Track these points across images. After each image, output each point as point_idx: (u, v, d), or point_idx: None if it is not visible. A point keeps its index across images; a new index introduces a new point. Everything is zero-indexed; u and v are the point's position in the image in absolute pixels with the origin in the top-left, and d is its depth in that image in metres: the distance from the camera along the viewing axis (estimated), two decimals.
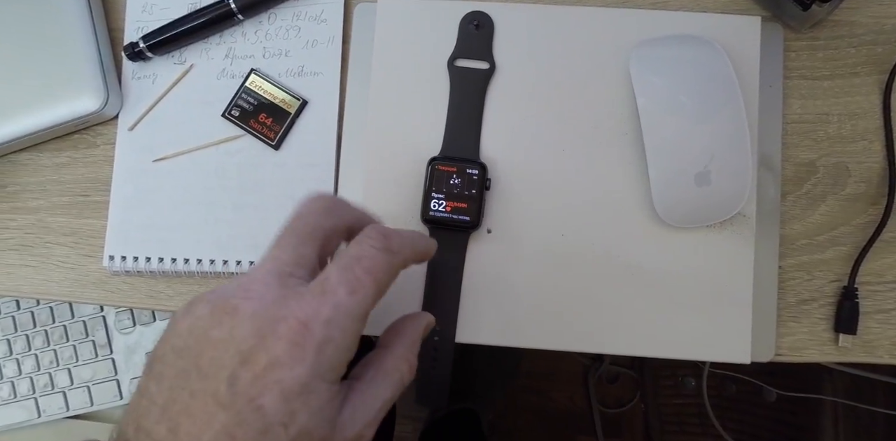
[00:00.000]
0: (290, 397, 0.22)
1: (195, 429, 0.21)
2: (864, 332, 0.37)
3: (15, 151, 0.41)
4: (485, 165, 0.37)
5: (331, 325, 0.23)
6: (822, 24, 0.38)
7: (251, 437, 0.21)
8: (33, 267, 0.41)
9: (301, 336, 0.22)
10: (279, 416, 0.22)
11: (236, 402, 0.21)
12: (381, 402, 0.26)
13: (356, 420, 0.24)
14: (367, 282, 0.24)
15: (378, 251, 0.25)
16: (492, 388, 1.07)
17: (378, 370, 0.27)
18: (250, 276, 0.25)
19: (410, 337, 0.29)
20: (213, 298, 0.24)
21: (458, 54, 0.38)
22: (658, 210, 0.36)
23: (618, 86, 0.38)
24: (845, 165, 0.38)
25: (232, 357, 0.22)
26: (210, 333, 0.23)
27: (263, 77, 0.39)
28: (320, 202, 0.27)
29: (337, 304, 0.23)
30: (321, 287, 0.24)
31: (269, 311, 0.23)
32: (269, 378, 0.22)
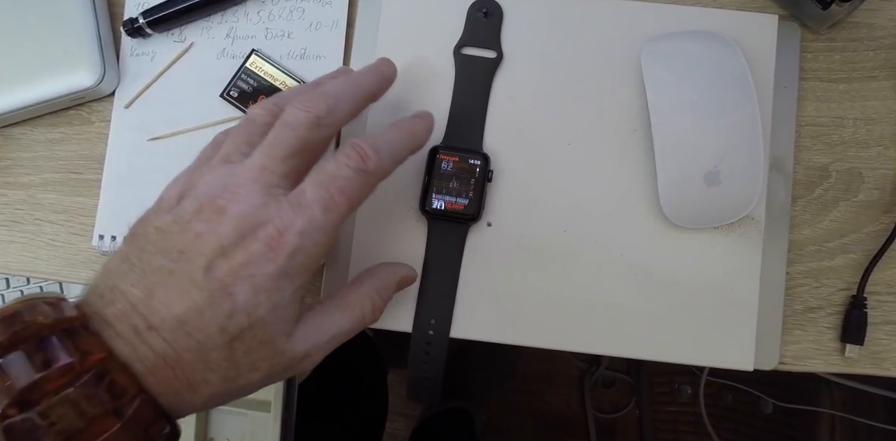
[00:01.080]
0: (259, 291, 0.24)
1: (168, 300, 0.24)
2: (871, 343, 0.36)
3: (8, 125, 0.40)
4: (487, 156, 0.36)
5: (303, 236, 0.25)
6: (840, 26, 0.37)
7: (218, 318, 0.24)
8: (22, 244, 0.40)
9: (276, 241, 0.25)
10: (246, 305, 0.24)
11: (211, 285, 0.24)
12: (335, 329, 0.28)
13: (307, 338, 0.27)
14: (340, 201, 0.26)
15: (354, 172, 0.27)
16: (487, 388, 1.07)
17: (340, 301, 0.29)
18: (237, 178, 0.26)
19: (382, 279, 0.31)
20: (201, 196, 0.26)
21: (465, 42, 0.37)
22: (664, 209, 0.35)
23: (628, 80, 0.37)
24: (859, 171, 0.37)
25: (213, 249, 0.24)
26: (194, 225, 0.25)
27: (264, 58, 0.38)
28: (313, 111, 0.27)
29: (311, 218, 0.25)
30: (298, 200, 0.26)
31: (252, 215, 0.25)
32: (243, 271, 0.24)
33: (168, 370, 0.23)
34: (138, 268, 0.25)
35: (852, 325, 0.35)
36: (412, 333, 0.36)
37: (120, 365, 0.23)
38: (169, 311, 0.24)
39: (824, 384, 0.92)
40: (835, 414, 0.90)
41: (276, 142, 0.27)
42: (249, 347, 0.25)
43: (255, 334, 0.25)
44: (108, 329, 0.24)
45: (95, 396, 0.22)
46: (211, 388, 0.25)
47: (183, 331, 0.24)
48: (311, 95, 0.28)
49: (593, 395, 1.11)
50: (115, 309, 0.24)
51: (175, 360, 0.23)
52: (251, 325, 0.24)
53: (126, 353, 0.23)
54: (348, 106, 0.29)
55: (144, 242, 0.25)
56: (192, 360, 0.24)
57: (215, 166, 0.27)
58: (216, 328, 0.24)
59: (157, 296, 0.24)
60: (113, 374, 0.22)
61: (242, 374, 0.25)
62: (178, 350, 0.23)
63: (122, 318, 0.24)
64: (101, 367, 0.22)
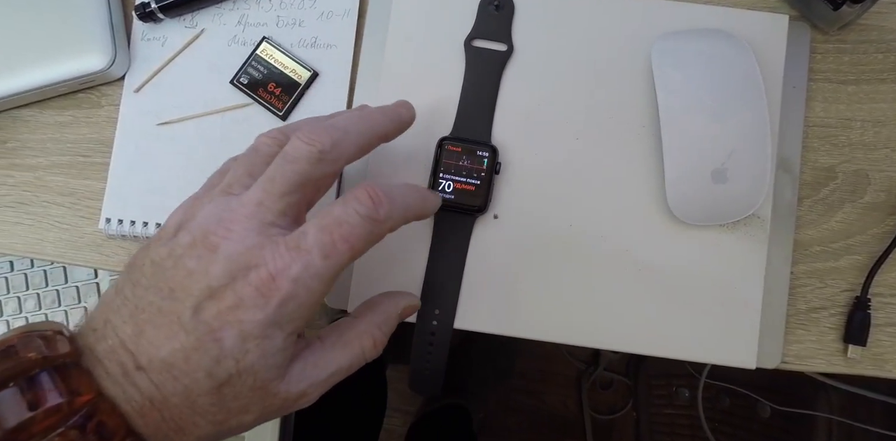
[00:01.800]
0: (247, 338, 0.23)
1: (157, 340, 0.23)
2: (873, 345, 0.36)
3: (17, 107, 0.40)
4: (496, 148, 0.36)
5: (297, 283, 0.24)
6: (850, 27, 0.37)
7: (204, 363, 0.23)
8: (28, 225, 0.40)
9: (267, 287, 0.23)
10: (233, 351, 0.23)
11: (198, 329, 0.23)
12: (334, 367, 0.27)
13: (304, 377, 0.26)
14: (342, 249, 0.25)
15: (362, 219, 0.25)
16: (484, 385, 1.07)
17: (340, 337, 0.28)
18: (233, 213, 0.25)
19: (383, 314, 0.30)
20: (195, 230, 0.25)
21: (476, 34, 0.37)
22: (671, 205, 0.35)
23: (638, 76, 0.37)
24: (866, 173, 0.37)
25: (202, 289, 0.23)
26: (186, 262, 0.24)
27: (275, 46, 0.38)
28: (317, 145, 0.26)
29: (307, 264, 0.24)
30: (297, 242, 0.24)
31: (245, 257, 0.24)
32: (231, 316, 0.23)
33: (156, 413, 0.23)
34: (131, 303, 0.24)
35: (855, 326, 0.35)
36: (416, 324, 0.36)
37: (109, 406, 0.22)
38: (157, 351, 0.23)
39: (822, 389, 0.92)
40: (832, 419, 0.90)
41: (275, 176, 0.26)
42: (239, 392, 0.24)
43: (244, 380, 0.24)
44: (99, 367, 0.23)
45: (83, 438, 0.21)
46: (200, 431, 0.24)
47: (170, 374, 0.23)
48: (317, 128, 0.27)
49: (591, 396, 1.11)
50: (106, 345, 0.23)
51: (162, 403, 0.23)
52: (239, 371, 0.23)
53: (115, 393, 0.23)
54: (356, 142, 0.28)
55: (139, 276, 0.25)
56: (179, 404, 0.23)
57: (215, 197, 0.26)
58: (203, 373, 0.23)
59: (146, 335, 0.23)
60: (101, 415, 0.22)
61: (233, 417, 0.24)
62: (164, 393, 0.23)
63: (111, 356, 0.23)
64: (90, 408, 0.22)
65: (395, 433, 1.05)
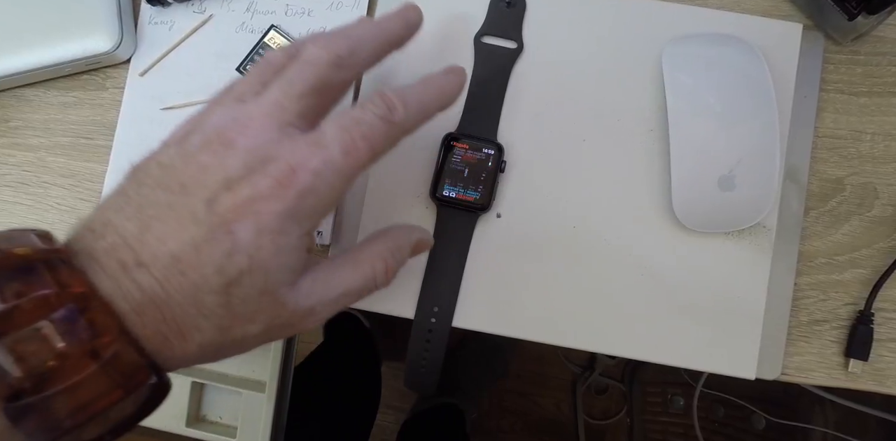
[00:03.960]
0: (262, 231, 0.22)
1: (165, 234, 0.22)
2: (875, 360, 0.35)
3: (22, 86, 0.40)
4: (501, 146, 0.35)
5: (317, 176, 0.23)
6: (864, 39, 0.37)
7: (215, 256, 0.22)
8: (28, 205, 0.40)
9: (287, 178, 0.22)
10: (247, 245, 0.22)
11: (211, 220, 0.22)
12: (343, 286, 0.26)
13: (313, 292, 0.25)
14: (361, 146, 0.24)
15: (380, 120, 0.25)
16: (479, 386, 1.07)
17: (351, 257, 0.27)
18: (248, 112, 0.24)
19: (396, 241, 0.29)
20: (208, 129, 0.24)
21: (486, 31, 0.37)
22: (676, 211, 0.34)
23: (648, 80, 0.36)
24: (874, 186, 0.36)
25: (217, 181, 0.22)
26: (200, 157, 0.23)
27: (283, 34, 0.38)
28: (334, 50, 0.25)
29: (328, 158, 0.23)
30: (316, 139, 0.24)
31: (263, 149, 0.23)
32: (247, 208, 0.22)
33: (156, 311, 0.21)
34: (135, 201, 0.23)
35: (858, 340, 0.35)
36: (414, 320, 0.36)
37: (102, 302, 0.21)
38: (163, 246, 0.21)
39: (818, 402, 0.91)
40: (828, 432, 0.89)
41: (294, 78, 0.25)
42: (248, 295, 0.22)
43: (254, 280, 0.22)
44: (94, 264, 0.21)
45: (71, 333, 0.20)
46: (203, 337, 0.22)
47: (176, 268, 0.21)
48: (332, 36, 0.26)
49: (585, 401, 1.10)
50: (105, 243, 0.22)
51: (164, 300, 0.21)
52: (251, 268, 0.22)
53: (110, 289, 0.21)
54: (371, 48, 0.27)
55: (144, 176, 0.23)
56: (183, 302, 0.21)
57: (226, 104, 0.25)
58: (213, 268, 0.21)
59: (153, 230, 0.22)
60: (92, 311, 0.20)
61: (238, 324, 0.23)
62: (168, 290, 0.21)
63: (110, 253, 0.21)
64: (81, 301, 0.20)
65: (388, 430, 1.05)
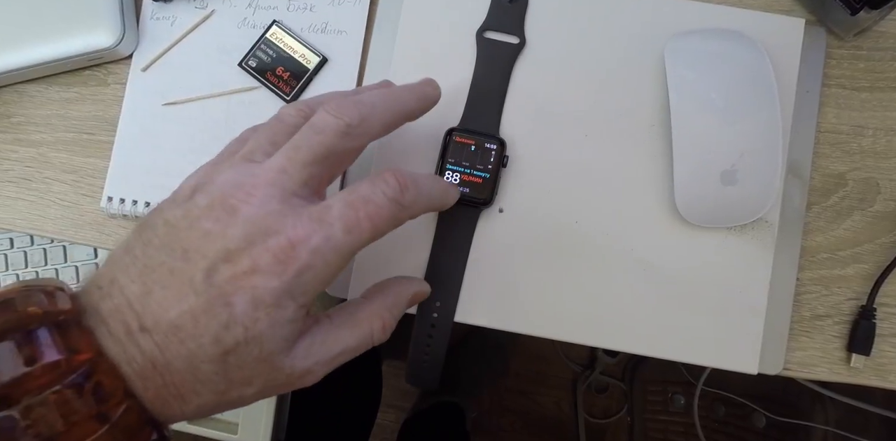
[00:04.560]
0: (259, 305, 0.23)
1: (165, 301, 0.22)
2: (877, 355, 0.35)
3: (24, 81, 0.40)
4: (504, 141, 0.35)
5: (316, 254, 0.23)
6: (866, 34, 0.37)
7: (212, 327, 0.22)
8: (30, 201, 0.40)
9: (286, 254, 0.23)
10: (244, 318, 0.23)
11: (210, 292, 0.22)
12: (341, 347, 0.26)
13: (310, 354, 0.25)
14: (365, 226, 0.24)
15: (388, 201, 0.25)
16: (479, 384, 1.07)
17: (349, 317, 0.27)
18: (255, 178, 0.24)
19: (394, 297, 0.29)
20: (214, 192, 0.24)
21: (488, 26, 0.37)
22: (679, 206, 0.34)
23: (650, 75, 0.36)
24: (876, 181, 0.36)
25: (217, 251, 0.23)
26: (203, 223, 0.23)
27: (285, 30, 0.38)
28: (344, 119, 0.26)
29: (329, 236, 0.24)
30: (320, 215, 0.24)
31: (265, 222, 0.23)
32: (245, 281, 0.23)
33: (157, 377, 0.22)
34: (140, 262, 0.23)
35: (860, 335, 0.35)
36: (416, 315, 0.35)
37: (108, 366, 0.21)
38: (164, 313, 0.22)
39: (819, 400, 0.91)
40: (828, 430, 0.89)
41: (301, 145, 0.25)
42: (244, 362, 0.23)
43: (250, 350, 0.23)
44: (101, 326, 0.22)
45: (80, 399, 0.20)
46: (201, 400, 0.23)
47: (176, 337, 0.22)
48: (345, 102, 0.26)
49: (585, 399, 1.10)
50: (111, 304, 0.23)
51: (164, 366, 0.22)
52: (247, 339, 0.23)
53: (115, 353, 0.22)
54: (383, 119, 0.27)
55: (151, 235, 0.24)
56: (181, 370, 0.22)
57: (235, 163, 0.26)
58: (210, 338, 0.22)
59: (155, 295, 0.22)
60: (100, 375, 0.21)
61: (235, 388, 0.24)
62: (168, 356, 0.22)
63: (115, 315, 0.22)
64: (89, 367, 0.21)
65: (388, 429, 1.05)
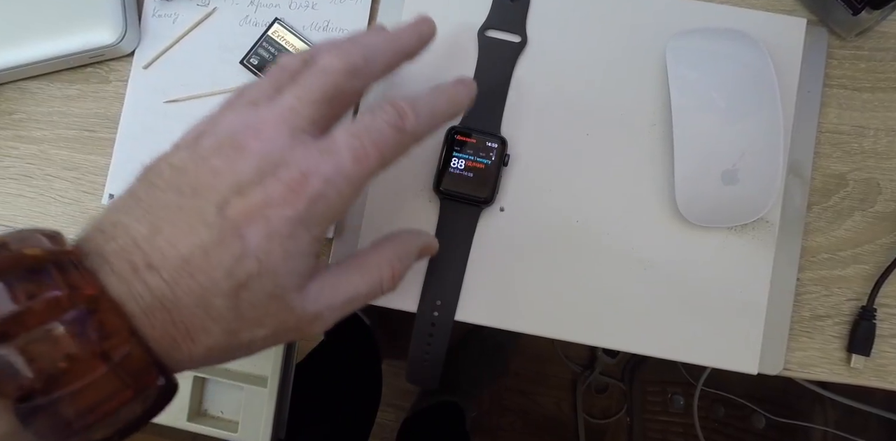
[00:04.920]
0: (272, 236, 0.22)
1: (175, 236, 0.22)
2: (877, 356, 0.35)
3: (26, 78, 0.40)
4: (505, 140, 0.35)
5: (328, 183, 0.23)
6: (868, 34, 0.37)
7: (225, 260, 0.22)
8: (31, 198, 0.40)
9: (299, 184, 0.23)
10: (257, 249, 0.22)
11: (222, 224, 0.22)
12: (351, 291, 0.26)
13: (321, 297, 0.25)
14: (372, 154, 0.24)
15: (390, 128, 0.25)
16: (479, 384, 1.07)
17: (359, 263, 0.27)
18: (262, 117, 0.24)
19: (404, 246, 0.29)
20: (221, 133, 0.24)
21: (490, 24, 0.37)
22: (679, 205, 0.34)
23: (651, 74, 0.36)
24: (877, 182, 0.36)
25: (229, 185, 0.22)
26: (212, 161, 0.23)
27: (287, 28, 0.38)
28: (349, 59, 0.26)
29: (339, 165, 0.23)
30: (328, 146, 0.24)
31: (275, 155, 0.23)
32: (258, 212, 0.22)
33: (165, 314, 0.21)
34: (146, 203, 0.23)
35: (860, 335, 0.35)
36: (417, 314, 0.36)
37: (112, 303, 0.21)
38: (173, 248, 0.22)
39: (818, 401, 0.91)
40: (827, 431, 0.89)
41: (308, 85, 0.25)
42: (256, 299, 0.22)
43: (263, 284, 0.22)
44: (105, 265, 0.21)
45: (81, 335, 0.20)
46: (211, 340, 0.22)
47: (186, 271, 0.21)
48: (347, 45, 0.26)
49: (585, 400, 1.10)
50: (115, 245, 0.22)
51: (173, 303, 0.21)
52: (260, 272, 0.22)
53: (120, 291, 0.21)
54: (384, 59, 0.27)
55: (156, 178, 0.23)
56: (192, 305, 0.22)
57: (239, 107, 0.25)
58: (222, 271, 0.22)
59: (163, 232, 0.22)
60: (103, 312, 0.20)
61: (246, 327, 0.23)
62: (177, 292, 0.21)
63: (120, 255, 0.22)
64: (91, 303, 0.20)
65: (388, 428, 1.05)
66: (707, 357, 0.35)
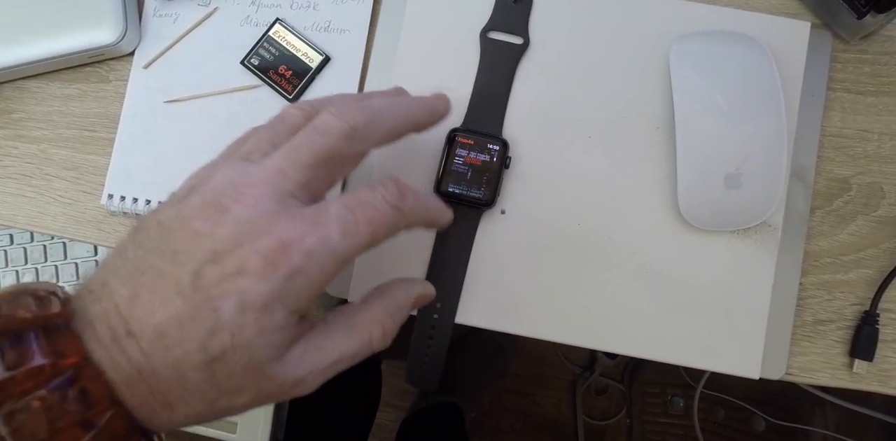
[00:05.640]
0: (247, 310, 0.21)
1: (151, 305, 0.21)
2: (880, 361, 0.35)
3: (25, 78, 0.40)
4: (507, 142, 0.35)
5: (310, 257, 0.22)
6: (872, 38, 0.37)
7: (199, 334, 0.21)
8: (30, 198, 0.40)
9: (277, 256, 0.22)
10: (230, 324, 0.21)
11: (196, 296, 0.21)
12: (337, 354, 0.25)
13: (304, 362, 0.24)
14: (363, 230, 0.23)
15: (387, 206, 0.24)
16: (478, 385, 1.07)
17: (346, 322, 0.26)
18: (250, 177, 0.23)
19: (396, 301, 0.28)
20: (207, 191, 0.23)
21: (492, 26, 0.37)
22: (682, 209, 0.34)
23: (654, 77, 0.36)
24: (880, 186, 0.36)
25: (205, 252, 0.22)
26: (193, 223, 0.22)
27: (288, 28, 0.38)
28: (349, 121, 0.25)
29: (324, 238, 0.22)
30: (316, 216, 0.23)
31: (256, 222, 0.22)
32: (232, 284, 0.21)
33: (143, 384, 0.21)
34: (131, 264, 0.22)
35: (863, 340, 0.34)
36: (417, 316, 0.35)
37: (94, 371, 0.21)
38: (150, 317, 0.21)
39: (818, 404, 0.91)
40: (827, 434, 0.89)
41: (301, 146, 0.24)
42: (232, 371, 0.22)
43: (238, 358, 0.22)
44: (89, 330, 0.21)
45: (64, 404, 0.20)
46: (190, 409, 0.22)
47: (161, 343, 0.21)
48: (351, 105, 0.25)
49: (585, 401, 1.10)
50: (100, 307, 0.22)
51: (150, 374, 0.21)
52: (234, 347, 0.21)
53: (102, 358, 0.21)
54: (388, 126, 0.26)
55: (144, 237, 0.23)
56: (168, 377, 0.21)
57: (232, 163, 0.24)
58: (196, 345, 0.21)
59: (141, 299, 0.21)
60: (85, 380, 0.20)
61: (225, 396, 0.22)
62: (154, 363, 0.21)
63: (102, 320, 0.22)
64: (74, 372, 0.20)
65: (387, 428, 1.05)
66: (709, 361, 0.35)
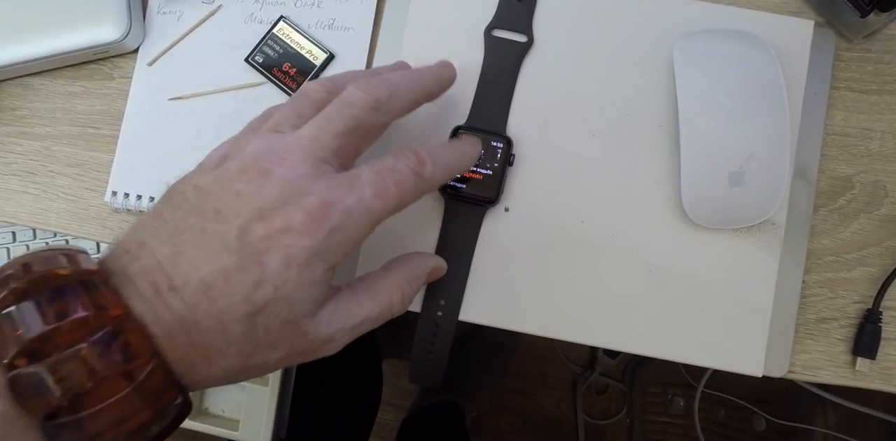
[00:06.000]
0: (291, 264, 0.23)
1: (197, 260, 0.22)
2: (883, 359, 0.35)
3: (29, 75, 0.40)
4: (511, 140, 0.35)
5: (348, 215, 0.24)
6: (876, 37, 0.37)
7: (244, 286, 0.22)
8: (34, 195, 0.40)
9: (320, 213, 0.23)
10: (274, 277, 0.22)
11: (242, 250, 0.22)
12: (362, 315, 0.26)
13: (333, 321, 0.25)
14: (392, 192, 0.25)
15: (412, 172, 0.26)
16: (479, 384, 1.07)
17: (370, 286, 0.28)
18: (286, 145, 0.25)
19: (414, 269, 0.30)
20: (246, 157, 0.24)
21: (497, 24, 0.37)
22: (685, 207, 0.34)
23: (658, 75, 0.36)
24: (883, 185, 0.36)
25: (251, 210, 0.23)
26: (235, 185, 0.23)
27: (292, 26, 0.38)
28: (374, 94, 0.26)
29: (360, 199, 0.24)
30: (351, 180, 0.24)
31: (299, 183, 0.24)
32: (278, 240, 0.23)
33: (184, 336, 0.22)
34: (170, 225, 0.23)
35: (865, 338, 0.35)
36: (421, 314, 0.35)
37: (136, 324, 0.21)
38: (195, 272, 0.22)
39: (819, 403, 0.91)
40: (828, 434, 0.89)
41: (332, 116, 0.26)
42: (271, 324, 0.23)
43: (278, 310, 0.23)
44: (129, 285, 0.22)
45: (108, 355, 0.20)
46: (227, 362, 0.23)
47: (206, 295, 0.22)
48: (372, 79, 0.27)
49: (585, 401, 1.10)
50: (140, 265, 0.22)
51: (193, 326, 0.22)
52: (276, 299, 0.23)
53: (144, 312, 0.22)
54: (407, 97, 0.28)
55: (180, 200, 0.24)
56: (210, 329, 0.22)
57: (263, 134, 0.26)
58: (241, 296, 0.22)
59: (186, 255, 0.22)
60: (128, 333, 0.21)
61: (261, 351, 0.24)
62: (197, 315, 0.22)
63: (144, 276, 0.22)
64: (117, 324, 0.21)
65: (388, 427, 1.05)
66: (712, 359, 0.35)
